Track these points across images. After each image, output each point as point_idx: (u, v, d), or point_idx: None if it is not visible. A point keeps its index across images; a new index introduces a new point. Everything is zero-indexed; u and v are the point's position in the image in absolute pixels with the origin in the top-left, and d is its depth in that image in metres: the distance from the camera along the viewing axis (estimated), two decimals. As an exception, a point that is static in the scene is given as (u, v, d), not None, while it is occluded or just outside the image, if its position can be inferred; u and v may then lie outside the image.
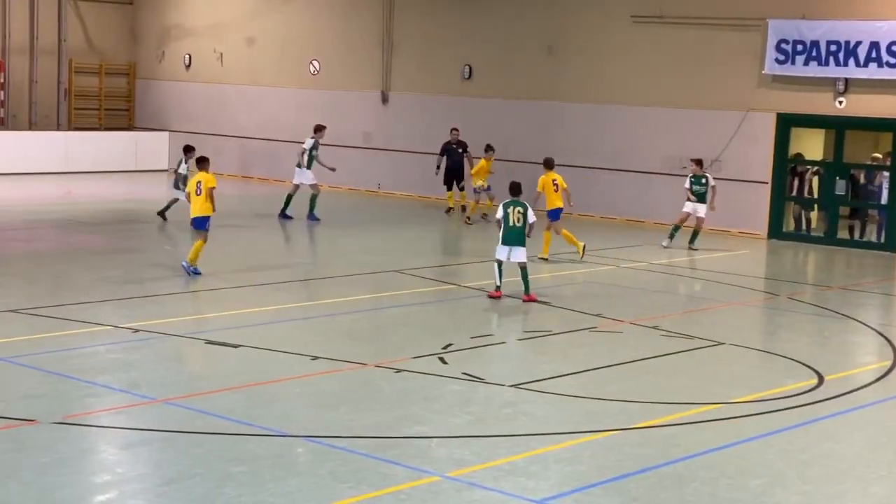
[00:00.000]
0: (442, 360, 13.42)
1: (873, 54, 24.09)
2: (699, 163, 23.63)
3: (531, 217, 17.32)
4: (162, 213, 24.23)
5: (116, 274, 18.38)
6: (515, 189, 17.59)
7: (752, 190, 25.91)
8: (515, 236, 17.24)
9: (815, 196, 26.12)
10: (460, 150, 28.05)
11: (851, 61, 24.35)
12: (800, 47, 24.96)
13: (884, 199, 24.91)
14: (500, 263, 17.27)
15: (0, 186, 29.40)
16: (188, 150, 23.52)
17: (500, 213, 17.41)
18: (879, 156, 25.44)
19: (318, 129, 25.96)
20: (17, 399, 11.10)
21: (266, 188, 30.23)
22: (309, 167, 25.30)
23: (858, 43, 24.23)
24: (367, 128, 31.84)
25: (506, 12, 29.21)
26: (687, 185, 23.46)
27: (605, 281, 19.50)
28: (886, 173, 24.81)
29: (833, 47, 24.58)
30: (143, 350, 13.39)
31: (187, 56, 35.93)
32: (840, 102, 24.77)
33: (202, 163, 18.73)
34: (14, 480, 8.95)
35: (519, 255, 17.22)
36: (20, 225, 23.25)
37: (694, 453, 10.32)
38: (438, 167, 27.49)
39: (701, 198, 23.31)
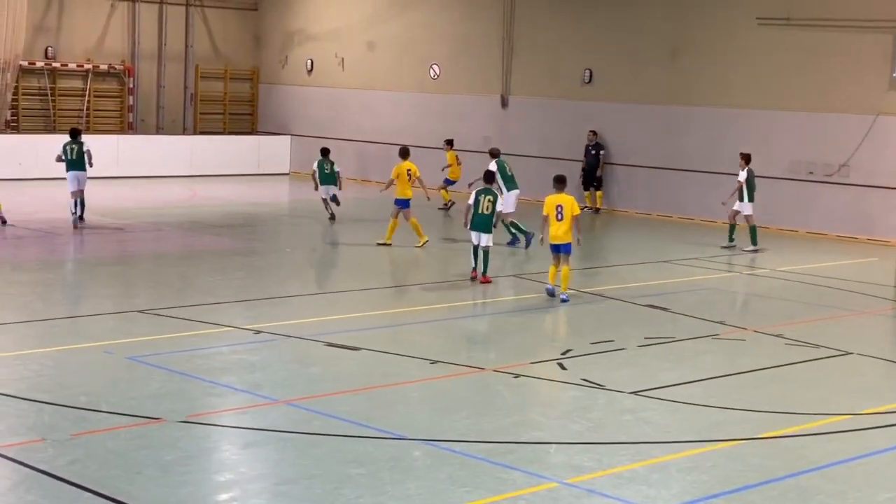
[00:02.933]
0: (561, 365, 13.34)
1: None
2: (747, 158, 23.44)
3: (499, 205, 18.32)
4: (332, 217, 25.02)
5: (239, 276, 18.70)
6: (489, 178, 18.72)
7: (881, 196, 25.26)
8: (482, 222, 18.10)
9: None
10: (593, 152, 28.46)
11: None
12: (932, 49, 24.29)
13: None
14: (475, 248, 18.25)
15: (128, 189, 30.12)
16: (326, 152, 25.44)
17: (471, 200, 18.24)
18: None
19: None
20: (145, 397, 11.34)
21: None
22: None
23: None
24: (486, 132, 31.85)
25: (628, 15, 28.97)
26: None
27: (727, 288, 19.19)
28: None
29: (967, 49, 23.89)
30: (264, 351, 13.57)
31: (309, 61, 36.39)
32: (974, 106, 24.05)
33: (560, 183, 17.41)
34: (142, 476, 9.14)
35: (485, 240, 18.15)
36: (147, 227, 23.79)
37: (820, 465, 10.08)
38: (583, 169, 28.83)
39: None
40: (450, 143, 29.09)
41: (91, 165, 23.64)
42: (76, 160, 23.50)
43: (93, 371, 12.35)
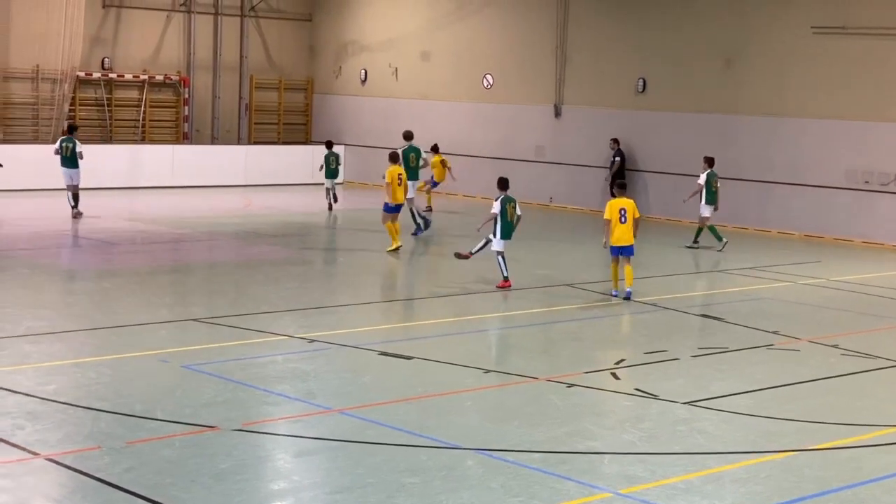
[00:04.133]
0: (614, 375, 13.31)
1: None
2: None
3: (519, 210, 18.56)
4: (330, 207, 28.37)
5: (293, 284, 18.81)
6: (505, 184, 18.61)
7: (938, 205, 24.98)
8: (512, 230, 18.47)
9: None
10: (612, 159, 29.29)
11: None
12: None
13: None
14: (503, 255, 18.34)
15: (184, 198, 30.41)
16: (330, 145, 29.17)
17: (497, 209, 18.32)
18: None
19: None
20: (201, 406, 11.44)
21: (438, 201, 30.46)
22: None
23: None
24: (539, 141, 31.84)
25: (682, 25, 28.84)
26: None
27: (782, 298, 19.03)
28: None
29: None
30: (318, 360, 13.64)
31: (363, 71, 36.55)
32: None
33: (622, 188, 18.74)
34: (197, 485, 9.22)
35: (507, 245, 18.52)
36: (203, 236, 24.00)
37: (877, 477, 9.98)
38: (613, 176, 29.02)
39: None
40: (435, 148, 29.87)
41: (82, 158, 25.37)
42: (69, 158, 25.31)
43: (149, 379, 12.49)
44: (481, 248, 18.77)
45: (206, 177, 33.37)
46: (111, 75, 34.08)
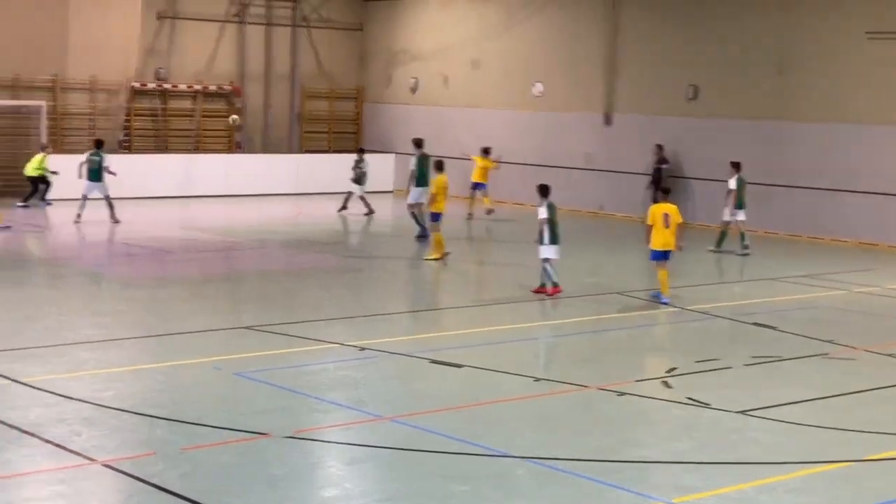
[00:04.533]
0: (666, 383, 13.24)
1: None
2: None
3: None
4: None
5: (343, 292, 18.88)
6: (547, 191, 18.57)
7: None
8: (559, 236, 18.33)
9: None
10: (656, 165, 29.37)
11: None
12: None
13: None
14: (550, 262, 18.19)
15: (236, 207, 30.63)
16: (361, 152, 30.65)
17: (545, 215, 18.25)
18: None
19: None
20: (253, 413, 11.52)
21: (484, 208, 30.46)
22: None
23: None
24: (589, 149, 31.74)
25: (733, 30, 28.65)
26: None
27: (836, 306, 18.84)
28: None
29: None
30: (369, 368, 13.69)
31: (413, 80, 36.64)
32: None
33: (666, 193, 18.65)
34: (250, 492, 9.29)
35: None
36: (255, 244, 24.16)
37: (933, 488, 9.86)
38: (653, 182, 28.96)
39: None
40: (487, 151, 30.59)
41: (111, 173, 26.20)
42: (95, 170, 26.16)
43: (202, 386, 12.60)
44: (548, 273, 18.57)
45: (258, 186, 33.58)
46: (166, 86, 34.40)
